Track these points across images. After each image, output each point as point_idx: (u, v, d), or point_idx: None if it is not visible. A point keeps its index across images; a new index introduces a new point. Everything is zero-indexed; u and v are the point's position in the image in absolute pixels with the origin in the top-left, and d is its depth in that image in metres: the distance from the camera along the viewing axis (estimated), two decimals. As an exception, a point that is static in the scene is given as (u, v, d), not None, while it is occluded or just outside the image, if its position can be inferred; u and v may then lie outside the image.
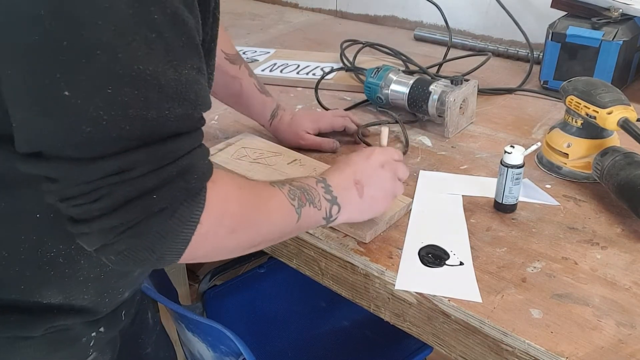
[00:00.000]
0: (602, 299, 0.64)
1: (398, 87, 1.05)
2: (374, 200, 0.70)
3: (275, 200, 0.59)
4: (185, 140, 0.47)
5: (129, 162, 0.44)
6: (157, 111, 0.44)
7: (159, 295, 0.87)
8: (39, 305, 0.60)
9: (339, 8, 1.79)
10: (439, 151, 0.97)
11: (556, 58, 1.15)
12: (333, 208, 0.65)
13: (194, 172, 0.48)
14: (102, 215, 0.45)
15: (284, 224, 0.60)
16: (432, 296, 0.66)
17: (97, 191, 0.45)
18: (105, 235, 0.46)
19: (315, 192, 0.64)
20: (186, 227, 0.48)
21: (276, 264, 1.29)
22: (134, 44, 0.41)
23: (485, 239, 0.75)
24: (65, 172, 0.45)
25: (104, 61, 0.41)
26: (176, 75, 0.45)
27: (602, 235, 0.75)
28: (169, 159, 0.46)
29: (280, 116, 0.97)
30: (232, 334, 0.82)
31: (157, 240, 0.47)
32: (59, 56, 0.40)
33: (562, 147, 0.87)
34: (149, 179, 0.45)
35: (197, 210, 0.49)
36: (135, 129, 0.43)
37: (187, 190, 0.48)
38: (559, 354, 0.58)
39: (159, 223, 0.47)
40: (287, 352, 1.13)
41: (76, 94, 0.41)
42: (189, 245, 0.49)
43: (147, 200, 0.46)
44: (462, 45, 1.44)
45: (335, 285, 0.79)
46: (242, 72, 0.92)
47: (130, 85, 0.42)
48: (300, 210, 0.61)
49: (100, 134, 0.43)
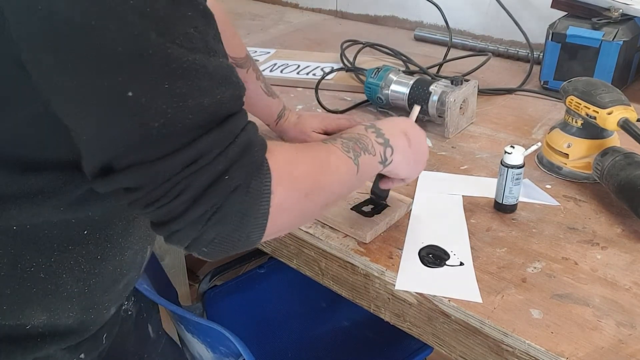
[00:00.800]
0: (602, 299, 0.64)
1: (398, 87, 1.05)
2: (420, 153, 0.71)
3: (334, 156, 0.59)
4: (237, 119, 0.49)
5: (197, 151, 0.46)
6: (211, 97, 0.46)
7: (159, 297, 0.87)
8: (22, 330, 0.58)
9: (339, 8, 1.79)
10: (439, 151, 0.97)
11: (556, 58, 1.15)
12: (387, 150, 0.66)
13: (254, 145, 0.50)
14: (187, 209, 0.47)
15: (347, 176, 0.60)
16: (433, 296, 0.66)
17: (176, 187, 0.46)
18: (194, 227, 0.48)
19: (367, 139, 0.64)
20: (262, 200, 0.49)
21: (276, 264, 1.28)
22: (177, 41, 0.43)
23: (486, 239, 0.75)
24: (143, 177, 0.46)
25: (157, 59, 0.43)
26: (218, 62, 0.47)
27: (602, 236, 0.75)
28: (230, 138, 0.48)
29: (287, 116, 0.98)
30: (231, 334, 0.82)
31: (240, 219, 0.49)
32: (117, 60, 0.42)
33: (562, 148, 0.87)
34: (219, 162, 0.47)
35: (267, 181, 0.50)
36: (197, 117, 0.45)
37: (252, 163, 0.49)
38: (559, 354, 0.58)
39: (238, 202, 0.48)
40: (287, 352, 1.13)
41: (139, 93, 0.43)
42: (269, 217, 0.50)
43: (222, 182, 0.47)
44: (462, 46, 1.44)
45: (335, 285, 0.79)
46: (249, 75, 0.92)
47: (183, 78, 0.44)
48: (358, 160, 0.61)
49: (168, 127, 0.44)
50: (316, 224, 0.78)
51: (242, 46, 0.92)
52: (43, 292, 0.57)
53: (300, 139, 0.96)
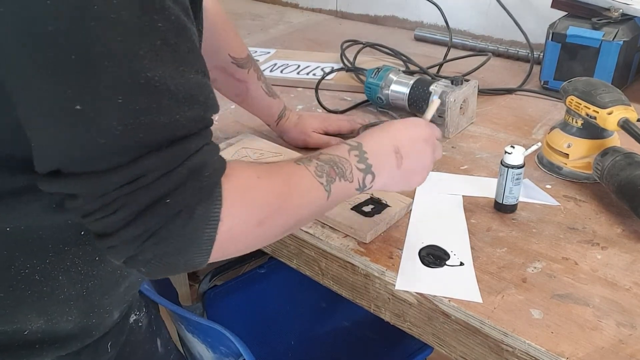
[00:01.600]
0: (602, 299, 0.64)
1: (398, 87, 1.05)
2: (411, 173, 0.67)
3: (301, 182, 0.56)
4: (193, 140, 0.47)
5: (141, 169, 0.44)
6: (168, 116, 0.44)
7: (159, 297, 0.87)
8: (19, 337, 0.57)
9: (339, 8, 1.79)
10: (439, 151, 0.97)
11: (556, 58, 1.15)
12: (367, 177, 0.62)
13: (205, 169, 0.48)
14: (123, 226, 0.45)
15: (313, 203, 0.58)
16: (433, 296, 0.66)
17: (114, 202, 0.44)
18: (130, 246, 0.46)
19: (347, 163, 0.60)
20: (208, 227, 0.47)
21: (276, 264, 1.28)
22: (140, 52, 0.42)
23: (486, 239, 0.75)
24: (83, 187, 0.44)
25: (113, 72, 0.41)
26: (184, 80, 0.45)
27: (603, 236, 0.75)
28: (178, 161, 0.46)
29: (288, 117, 0.98)
30: (231, 334, 0.82)
31: (181, 244, 0.47)
32: (69, 71, 0.40)
33: (562, 148, 0.87)
34: (162, 184, 0.45)
35: (215, 208, 0.48)
36: (148, 136, 0.44)
37: (200, 189, 0.47)
38: (559, 354, 0.58)
39: (179, 226, 0.46)
40: (287, 352, 1.13)
41: (88, 107, 0.41)
42: (215, 243, 0.48)
43: (162, 205, 0.45)
44: (463, 46, 1.44)
45: (335, 285, 0.79)
46: (250, 75, 0.92)
47: (140, 94, 0.42)
48: (330, 186, 0.58)
49: (114, 144, 0.43)
50: (316, 224, 0.78)
51: (244, 46, 0.92)
52: (38, 295, 0.56)
53: (301, 139, 0.96)
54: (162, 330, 0.86)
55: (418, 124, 0.69)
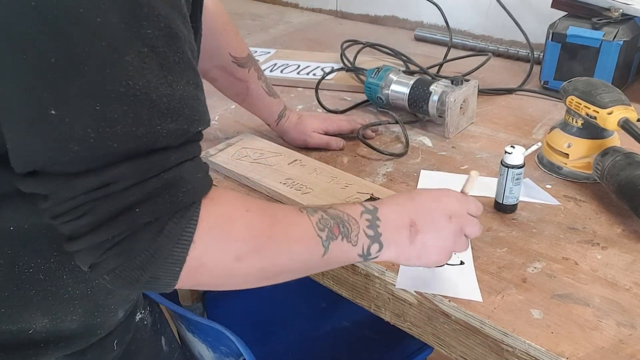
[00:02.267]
0: (602, 299, 0.64)
1: (398, 87, 1.05)
2: (427, 249, 0.60)
3: (298, 229, 0.53)
4: (173, 153, 0.45)
5: (113, 176, 0.43)
6: (147, 127, 0.42)
7: (159, 297, 0.87)
8: (24, 336, 0.57)
9: (339, 8, 1.79)
10: (440, 151, 0.97)
11: (556, 58, 1.15)
12: (373, 246, 0.57)
13: (182, 185, 0.46)
14: (88, 231, 0.44)
15: (306, 256, 0.53)
16: (433, 296, 0.66)
17: (82, 207, 0.43)
18: (93, 252, 0.45)
19: (355, 225, 0.56)
20: (177, 246, 0.45)
21: (276, 264, 1.28)
22: (126, 58, 0.40)
23: (486, 239, 0.75)
24: (53, 188, 0.43)
25: (92, 77, 0.40)
26: (170, 91, 0.43)
27: (603, 236, 0.75)
28: (154, 172, 0.44)
29: (288, 117, 0.98)
30: (232, 334, 0.82)
31: (146, 259, 0.45)
32: (47, 74, 0.39)
33: (562, 147, 0.87)
34: (132, 193, 0.44)
35: (189, 228, 0.46)
36: (123, 145, 0.42)
37: (173, 204, 0.45)
38: (559, 354, 0.58)
39: (146, 240, 0.44)
40: (287, 352, 1.13)
41: (63, 112, 0.40)
42: (184, 267, 0.46)
43: (130, 215, 0.44)
44: (463, 46, 1.44)
45: (335, 285, 0.79)
46: (251, 75, 0.92)
47: (119, 102, 0.41)
48: (329, 243, 0.54)
49: (87, 152, 0.42)
50: (316, 224, 0.78)
51: (244, 46, 0.92)
52: (43, 295, 0.57)
53: (301, 139, 0.96)
54: (166, 329, 0.87)
55: (449, 196, 0.62)
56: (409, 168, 0.91)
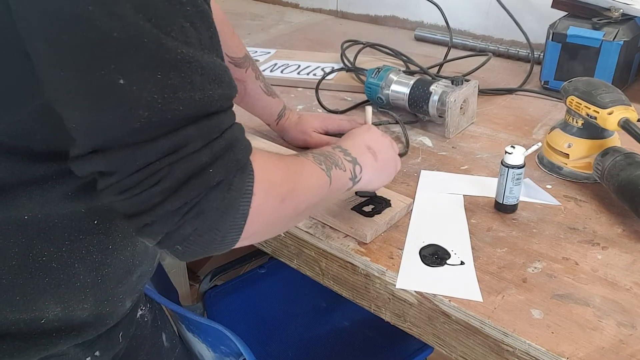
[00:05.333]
0: (602, 299, 0.64)
1: (399, 87, 1.05)
2: (386, 164, 0.73)
3: (307, 167, 0.60)
4: (225, 116, 0.49)
5: (182, 139, 0.45)
6: (202, 92, 0.46)
7: (160, 296, 0.87)
8: (37, 325, 0.58)
9: (339, 8, 1.79)
10: (440, 151, 0.97)
11: (557, 58, 1.15)
12: (356, 168, 0.67)
13: (239, 144, 0.50)
14: (164, 199, 0.46)
15: (319, 188, 0.61)
16: (433, 296, 0.66)
17: (156, 174, 0.45)
18: (169, 220, 0.46)
19: (336, 156, 0.65)
20: (242, 200, 0.49)
21: (277, 264, 1.29)
22: (172, 33, 0.43)
23: (486, 239, 0.75)
24: (122, 160, 0.45)
25: (151, 48, 0.43)
26: (212, 60, 0.47)
27: (603, 236, 0.75)
28: (216, 133, 0.47)
29: (287, 116, 0.98)
30: (232, 334, 0.82)
31: (219, 217, 0.48)
32: (110, 48, 0.42)
33: (562, 148, 0.87)
34: (203, 154, 0.46)
35: (249, 181, 0.50)
36: (187, 109, 0.45)
37: (237, 161, 0.49)
38: (559, 354, 0.58)
39: (219, 197, 0.47)
40: (287, 352, 1.13)
41: (130, 81, 0.43)
42: (247, 218, 0.50)
43: (204, 175, 0.46)
44: (463, 46, 1.44)
45: (335, 285, 0.79)
46: (248, 75, 0.92)
47: (176, 69, 0.44)
48: (330, 173, 0.62)
49: (156, 117, 0.44)
50: (316, 224, 0.78)
51: (241, 45, 0.92)
52: (56, 283, 0.58)
53: (301, 139, 0.96)
54: (167, 325, 0.87)
55: (368, 128, 0.76)
56: (409, 168, 0.91)
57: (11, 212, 0.53)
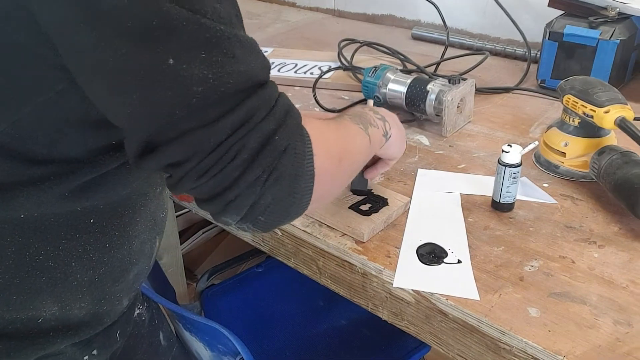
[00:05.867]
0: (599, 297, 0.65)
1: (396, 86, 1.05)
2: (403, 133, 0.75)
3: (349, 127, 0.62)
4: (272, 86, 0.50)
5: (246, 112, 0.46)
6: (245, 64, 0.47)
7: (157, 295, 0.87)
8: (34, 325, 0.58)
9: (336, 7, 1.79)
10: (437, 150, 0.97)
11: (553, 57, 1.15)
12: (386, 124, 0.69)
13: (293, 110, 0.51)
14: (242, 173, 0.47)
15: (363, 145, 0.63)
16: (430, 295, 0.66)
17: (231, 149, 0.46)
18: (251, 191, 0.48)
19: (367, 115, 0.67)
20: (307, 161, 0.50)
21: (274, 263, 1.29)
22: (207, 15, 0.45)
23: (483, 237, 0.75)
24: (196, 145, 0.46)
25: (191, 30, 0.44)
26: (244, 35, 0.48)
27: (600, 234, 0.75)
28: (272, 101, 0.49)
29: None
30: (229, 333, 0.82)
31: (293, 181, 0.49)
32: (153, 33, 0.43)
33: (559, 146, 0.87)
34: (269, 122, 0.48)
35: (309, 144, 0.51)
36: (237, 82, 0.46)
37: (296, 125, 0.50)
38: (556, 352, 0.58)
39: (289, 162, 0.49)
40: (285, 351, 1.13)
41: (179, 60, 0.44)
42: (315, 178, 0.51)
43: (273, 142, 0.48)
44: (460, 45, 1.44)
45: (333, 284, 0.79)
46: None
47: (218, 47, 0.45)
48: (368, 131, 0.64)
49: (210, 92, 0.45)
50: (314, 223, 0.78)
51: None
52: (52, 281, 0.58)
53: None
54: (164, 324, 0.87)
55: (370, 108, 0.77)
56: (406, 167, 0.91)
57: (8, 212, 0.53)
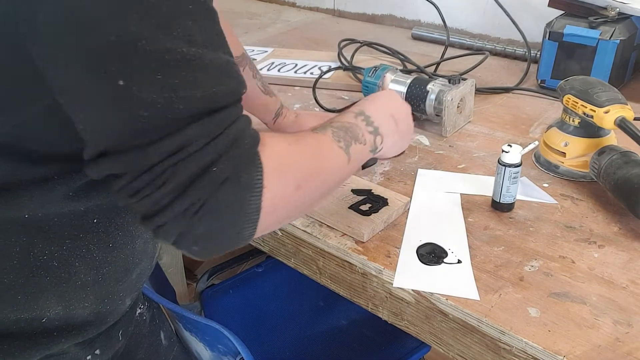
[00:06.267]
0: (599, 297, 0.65)
1: (395, 86, 1.05)
2: (404, 134, 0.72)
3: (324, 146, 0.59)
4: (230, 111, 0.49)
5: (184, 139, 0.45)
6: (204, 89, 0.46)
7: (157, 295, 0.87)
8: (38, 324, 0.58)
9: (336, 7, 1.79)
10: (437, 150, 0.97)
11: (553, 57, 1.15)
12: (377, 139, 0.66)
13: (244, 137, 0.49)
14: (172, 200, 0.46)
15: (338, 167, 0.60)
16: (430, 295, 0.66)
17: (162, 175, 0.45)
18: (180, 221, 0.46)
19: (357, 128, 0.63)
20: (253, 194, 0.48)
21: (274, 263, 1.29)
22: (174, 33, 0.44)
23: (483, 237, 0.75)
24: (130, 162, 0.45)
25: (150, 50, 0.43)
26: (217, 56, 0.47)
27: (600, 234, 0.75)
28: (220, 129, 0.47)
29: (285, 115, 0.98)
30: (229, 333, 0.82)
31: (231, 214, 0.47)
32: (110, 50, 0.42)
33: (559, 146, 0.87)
34: (207, 152, 0.46)
35: (258, 174, 0.49)
36: (188, 108, 0.45)
37: (242, 156, 0.48)
38: (556, 352, 0.58)
39: (227, 195, 0.47)
40: (285, 351, 1.13)
41: (130, 82, 0.43)
42: (261, 212, 0.49)
43: (209, 174, 0.46)
44: (460, 45, 1.44)
45: (333, 284, 0.79)
46: (246, 74, 0.92)
47: (178, 69, 0.44)
48: (349, 150, 0.61)
49: (157, 117, 0.44)
50: (314, 223, 0.78)
51: (238, 44, 0.92)
52: (57, 281, 0.58)
53: None
54: (165, 324, 0.88)
55: (390, 93, 0.74)
56: (406, 167, 0.91)
57: (12, 212, 0.53)
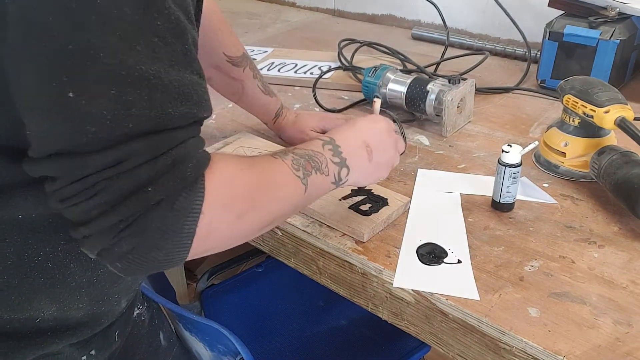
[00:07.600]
0: (599, 297, 0.65)
1: (396, 86, 1.05)
2: (379, 166, 0.69)
3: (280, 174, 0.57)
4: (180, 132, 0.47)
5: (125, 153, 0.44)
6: (160, 109, 0.44)
7: (157, 295, 0.87)
8: (32, 325, 0.58)
9: (336, 7, 1.79)
10: (437, 150, 0.97)
11: (553, 57, 1.15)
12: (342, 171, 0.64)
13: (189, 161, 0.47)
14: (100, 214, 0.44)
15: (291, 197, 0.58)
16: (430, 295, 0.66)
17: (93, 187, 0.44)
18: (105, 236, 0.45)
19: (322, 157, 0.62)
20: (188, 219, 0.47)
21: (274, 263, 1.29)
22: (138, 47, 0.43)
23: (483, 237, 0.75)
24: (63, 168, 0.44)
25: (108, 63, 0.42)
26: (179, 77, 0.46)
27: (600, 234, 0.75)
28: (163, 149, 0.46)
29: (285, 115, 0.98)
30: (229, 333, 0.82)
31: (160, 237, 0.46)
32: (65, 60, 0.41)
33: (559, 146, 0.87)
34: (144, 170, 0.45)
35: (197, 200, 0.47)
36: (137, 126, 0.44)
37: (183, 179, 0.46)
38: (556, 352, 0.58)
39: (159, 217, 0.45)
40: (285, 351, 1.13)
41: (80, 95, 0.42)
42: (194, 238, 0.47)
43: (143, 193, 0.44)
44: (460, 45, 1.44)
45: (333, 284, 0.79)
46: (246, 74, 0.92)
47: (133, 86, 0.43)
48: (307, 180, 0.59)
49: (103, 133, 0.43)
50: (314, 223, 0.78)
51: (239, 45, 0.92)
52: (51, 282, 0.58)
53: (298, 138, 0.96)
54: (164, 324, 0.87)
55: (379, 119, 0.71)
56: (406, 167, 0.91)
57: (5, 213, 0.53)
